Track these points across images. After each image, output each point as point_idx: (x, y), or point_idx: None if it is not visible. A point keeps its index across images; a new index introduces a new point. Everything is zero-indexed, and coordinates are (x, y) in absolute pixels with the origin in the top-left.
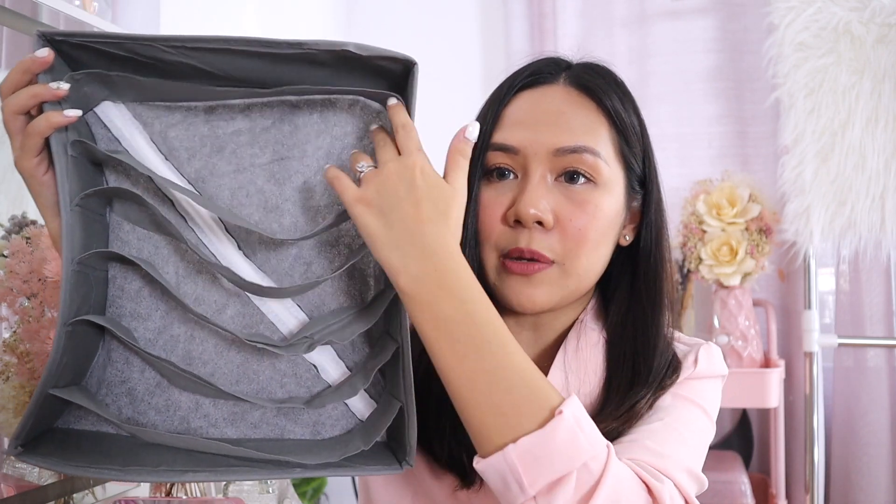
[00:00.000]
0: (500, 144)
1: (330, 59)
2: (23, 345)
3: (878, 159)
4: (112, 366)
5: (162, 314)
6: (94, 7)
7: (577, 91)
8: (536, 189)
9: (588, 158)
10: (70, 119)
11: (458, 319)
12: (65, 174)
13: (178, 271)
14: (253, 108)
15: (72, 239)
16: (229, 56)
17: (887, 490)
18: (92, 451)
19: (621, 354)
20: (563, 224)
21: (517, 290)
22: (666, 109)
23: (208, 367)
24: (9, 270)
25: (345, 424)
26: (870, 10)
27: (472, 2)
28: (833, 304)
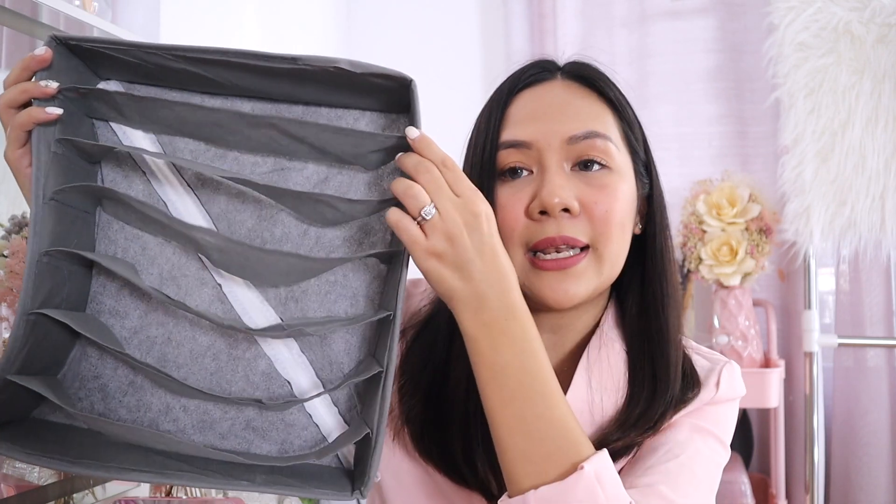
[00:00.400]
0: (511, 141)
1: (324, 75)
2: None
3: (878, 159)
4: (86, 360)
5: (140, 314)
6: (94, 7)
7: (576, 83)
8: (557, 177)
9: (600, 143)
10: (50, 116)
11: (513, 367)
12: (41, 169)
13: (161, 273)
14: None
15: (41, 231)
16: (227, 67)
17: (887, 490)
18: (51, 442)
19: (640, 362)
20: (589, 209)
21: (552, 285)
22: (666, 109)
23: (182, 372)
24: (9, 270)
25: (312, 446)
26: (870, 10)
27: (472, 2)
28: (833, 304)
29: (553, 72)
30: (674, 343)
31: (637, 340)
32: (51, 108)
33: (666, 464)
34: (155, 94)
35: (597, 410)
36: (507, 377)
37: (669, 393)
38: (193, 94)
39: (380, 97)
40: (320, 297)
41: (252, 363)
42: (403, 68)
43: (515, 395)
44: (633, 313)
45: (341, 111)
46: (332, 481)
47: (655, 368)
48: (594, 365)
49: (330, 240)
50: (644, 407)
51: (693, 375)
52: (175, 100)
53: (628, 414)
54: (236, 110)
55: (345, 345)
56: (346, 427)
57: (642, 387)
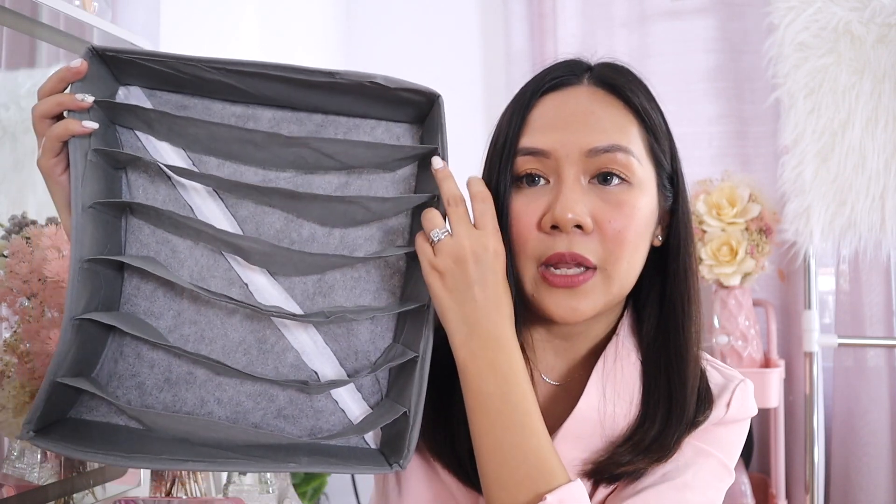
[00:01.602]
0: (530, 149)
1: (356, 88)
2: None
3: (878, 159)
4: (123, 360)
5: (174, 314)
6: (94, 7)
7: (602, 90)
8: (572, 192)
9: (621, 157)
10: (86, 130)
11: (496, 397)
12: (79, 178)
13: (192, 275)
14: (282, 125)
15: (82, 239)
16: (265, 80)
17: (887, 490)
18: (100, 440)
19: (656, 378)
20: (602, 226)
21: (559, 302)
22: (666, 109)
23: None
24: (9, 270)
25: (341, 430)
26: (870, 10)
27: (472, 2)
28: (833, 304)
29: (580, 75)
30: (691, 362)
31: (653, 353)
32: (88, 122)
33: (659, 486)
34: (178, 102)
35: (608, 421)
36: (491, 406)
37: (685, 417)
38: (214, 101)
39: (398, 108)
40: (346, 291)
41: (281, 356)
42: (403, 68)
43: (496, 422)
44: (650, 326)
45: (358, 120)
46: (367, 459)
47: (671, 388)
48: (609, 374)
49: (353, 239)
50: (658, 430)
51: (707, 395)
52: (207, 119)
53: (642, 436)
54: (274, 131)
55: (369, 335)
56: (370, 410)
57: (657, 407)
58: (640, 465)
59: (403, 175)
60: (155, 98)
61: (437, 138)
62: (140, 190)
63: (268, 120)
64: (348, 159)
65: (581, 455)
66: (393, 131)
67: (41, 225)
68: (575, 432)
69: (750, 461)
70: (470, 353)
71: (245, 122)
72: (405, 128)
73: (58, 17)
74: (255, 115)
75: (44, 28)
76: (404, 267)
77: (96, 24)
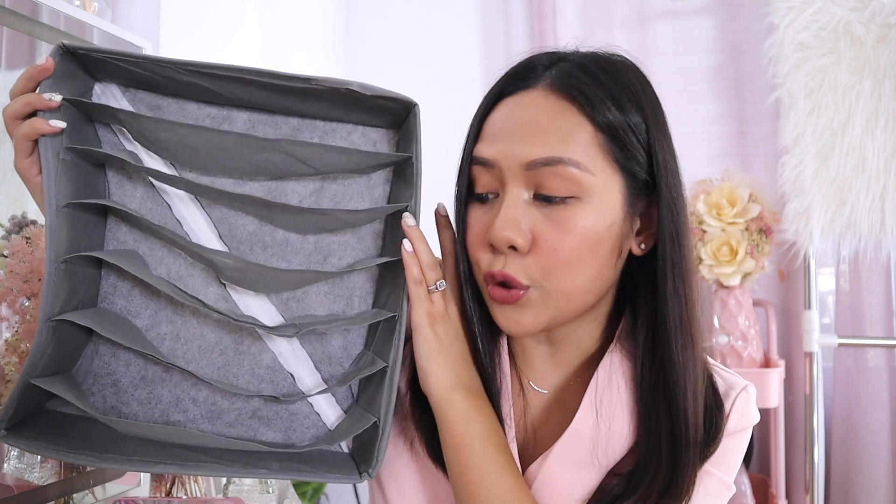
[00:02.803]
0: (479, 158)
1: (332, 94)
2: (24, 344)
3: (878, 159)
4: (99, 358)
5: (151, 313)
6: (94, 7)
7: (555, 95)
8: (510, 210)
9: (561, 170)
10: (53, 129)
11: (479, 439)
12: (52, 178)
13: (169, 273)
14: (257, 128)
15: (56, 240)
16: (239, 83)
17: (887, 490)
18: (74, 437)
19: (653, 405)
20: (539, 245)
21: (504, 315)
22: (666, 109)
23: (191, 367)
24: (9, 270)
25: (315, 433)
26: (870, 10)
27: (472, 2)
28: (833, 304)
29: (536, 78)
30: (690, 383)
31: (648, 373)
32: (54, 121)
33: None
34: (152, 101)
35: (601, 442)
36: (472, 447)
37: (692, 447)
38: (189, 102)
39: (375, 114)
40: (320, 297)
41: (257, 357)
42: (403, 68)
43: (477, 464)
44: (644, 338)
45: (335, 125)
46: (338, 466)
47: (672, 418)
48: (603, 392)
49: (328, 244)
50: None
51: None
52: (178, 121)
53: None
54: (248, 134)
55: (343, 342)
56: (343, 414)
57: (658, 441)
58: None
59: (378, 180)
60: (130, 95)
61: (412, 147)
62: (119, 187)
63: (243, 122)
64: (322, 165)
65: (580, 474)
66: (369, 136)
67: (41, 225)
68: (569, 452)
69: (750, 461)
70: (456, 399)
71: (220, 123)
72: (382, 133)
73: (58, 17)
74: (230, 116)
75: (44, 28)
76: (377, 273)
77: (96, 24)
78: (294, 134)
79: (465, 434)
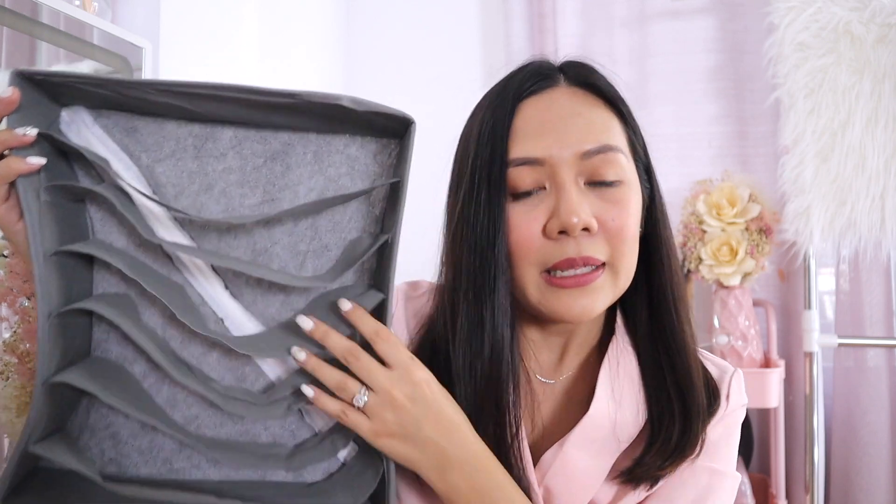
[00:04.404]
0: (523, 158)
1: (322, 109)
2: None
3: (878, 159)
4: (96, 411)
5: (148, 358)
6: (94, 7)
7: (581, 90)
8: (574, 195)
9: (612, 157)
10: (32, 167)
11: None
12: (36, 224)
13: (164, 313)
14: (244, 145)
15: (48, 292)
16: (219, 101)
17: (887, 490)
18: (73, 497)
19: (658, 373)
20: (606, 225)
21: (570, 303)
22: (666, 109)
23: (192, 411)
24: (9, 270)
25: (327, 467)
26: (870, 10)
27: (472, 2)
28: (833, 304)
29: (555, 77)
30: (691, 348)
31: (650, 349)
32: (33, 159)
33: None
34: (126, 123)
35: (619, 427)
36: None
37: (701, 406)
38: (167, 121)
39: (371, 125)
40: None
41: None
42: (403, 68)
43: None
44: (642, 319)
45: (330, 137)
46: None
47: (679, 380)
48: (614, 377)
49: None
50: (682, 428)
51: (711, 382)
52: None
53: (667, 436)
54: (230, 221)
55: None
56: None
57: (670, 404)
58: (675, 465)
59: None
60: (103, 120)
61: (404, 168)
62: (103, 223)
63: (228, 140)
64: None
65: (598, 461)
66: (368, 148)
67: None
68: (587, 437)
69: (750, 461)
70: (451, 486)
71: (203, 141)
72: (382, 144)
73: (58, 17)
74: (213, 134)
75: (44, 28)
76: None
77: (96, 24)
78: (286, 149)
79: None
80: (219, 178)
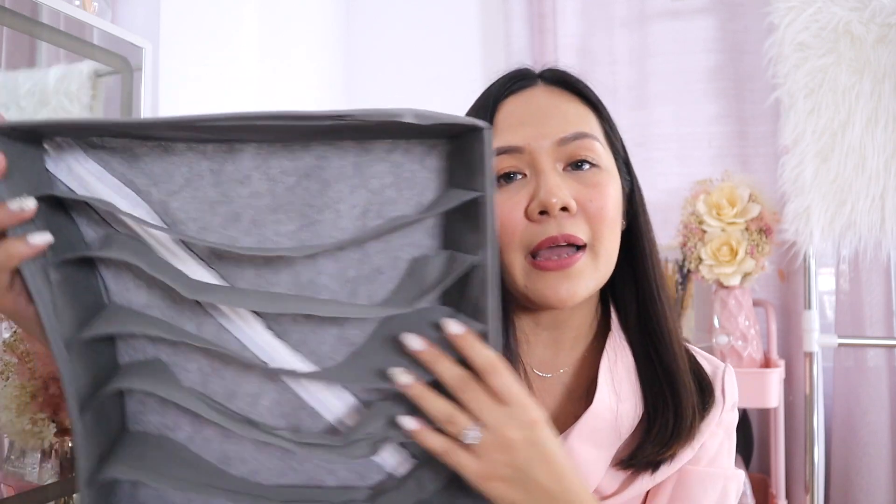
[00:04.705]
0: (504, 148)
1: (380, 129)
2: (23, 345)
3: (878, 159)
4: (145, 489)
5: (191, 419)
6: (94, 7)
7: (558, 88)
8: (553, 178)
9: (588, 143)
10: (37, 248)
11: None
12: (50, 312)
13: (201, 367)
14: (271, 162)
15: (76, 380)
16: (246, 131)
17: (887, 490)
18: None
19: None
20: (585, 207)
21: (554, 286)
22: (666, 109)
23: (248, 465)
24: None
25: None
26: (870, 10)
27: (472, 2)
28: (833, 304)
29: (533, 79)
30: (675, 334)
31: (640, 339)
32: (36, 237)
33: None
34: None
35: (621, 420)
36: None
37: (688, 393)
38: (174, 144)
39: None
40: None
41: (312, 426)
42: (403, 68)
43: None
44: (631, 312)
45: (368, 144)
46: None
47: (666, 367)
48: (614, 371)
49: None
50: (674, 414)
51: (702, 375)
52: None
53: (663, 424)
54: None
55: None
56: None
57: (662, 394)
58: (672, 451)
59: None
60: (95, 153)
61: (479, 181)
62: (117, 282)
63: (251, 158)
64: (377, 232)
65: (600, 453)
66: (413, 152)
67: None
68: (591, 429)
69: (750, 461)
70: None
71: (221, 164)
72: (428, 145)
73: (58, 17)
74: (232, 153)
75: (44, 28)
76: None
77: (96, 24)
78: (320, 163)
79: None
80: (246, 205)
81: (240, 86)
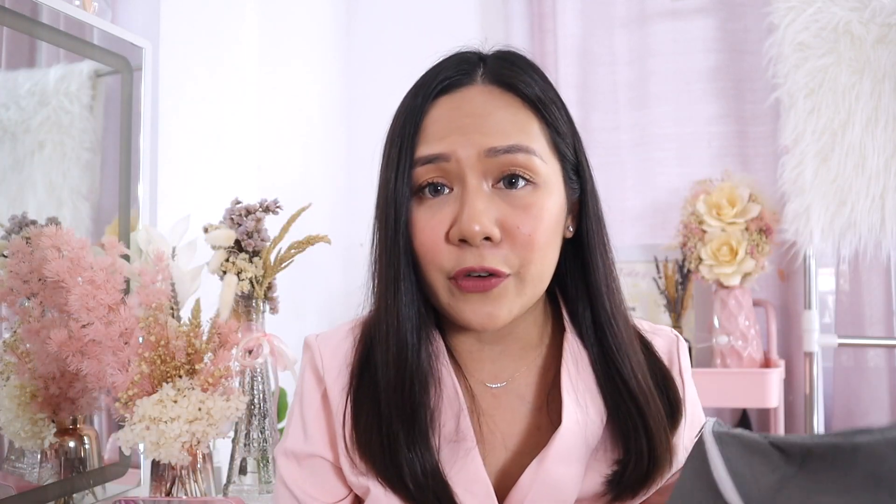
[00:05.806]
0: (428, 156)
1: None
2: (23, 345)
3: (878, 159)
4: None
5: None
6: (94, 7)
7: (498, 88)
8: (477, 201)
9: (522, 158)
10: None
11: None
12: None
13: None
14: None
15: None
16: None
17: None
18: None
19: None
20: (512, 233)
21: (474, 308)
22: (666, 109)
23: None
24: (9, 270)
25: None
26: (870, 10)
27: (472, 2)
28: (833, 304)
29: (472, 73)
30: (631, 345)
31: (598, 347)
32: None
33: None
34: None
35: (589, 430)
36: None
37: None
38: None
39: None
40: None
41: None
42: (404, 68)
43: None
44: (586, 319)
45: None
46: None
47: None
48: (576, 381)
49: None
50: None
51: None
52: None
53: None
54: None
55: None
56: None
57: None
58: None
59: None
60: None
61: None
62: None
63: None
64: None
65: (575, 468)
66: None
67: (41, 225)
68: (565, 450)
69: None
70: None
71: None
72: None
73: (58, 17)
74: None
75: (44, 28)
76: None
77: (96, 24)
78: None
79: None
80: None
81: (240, 86)
